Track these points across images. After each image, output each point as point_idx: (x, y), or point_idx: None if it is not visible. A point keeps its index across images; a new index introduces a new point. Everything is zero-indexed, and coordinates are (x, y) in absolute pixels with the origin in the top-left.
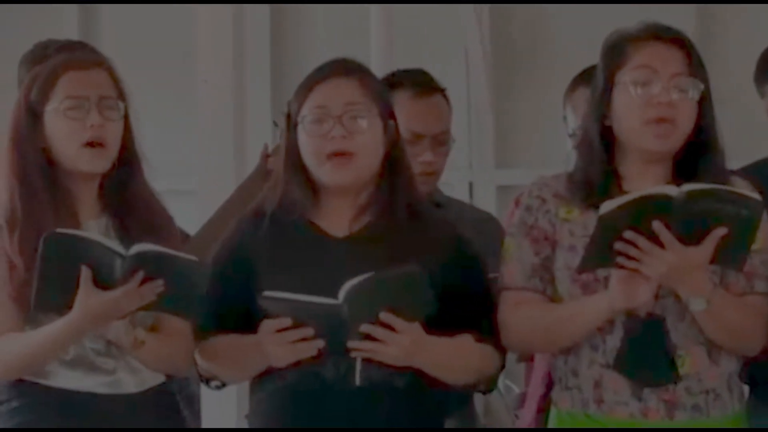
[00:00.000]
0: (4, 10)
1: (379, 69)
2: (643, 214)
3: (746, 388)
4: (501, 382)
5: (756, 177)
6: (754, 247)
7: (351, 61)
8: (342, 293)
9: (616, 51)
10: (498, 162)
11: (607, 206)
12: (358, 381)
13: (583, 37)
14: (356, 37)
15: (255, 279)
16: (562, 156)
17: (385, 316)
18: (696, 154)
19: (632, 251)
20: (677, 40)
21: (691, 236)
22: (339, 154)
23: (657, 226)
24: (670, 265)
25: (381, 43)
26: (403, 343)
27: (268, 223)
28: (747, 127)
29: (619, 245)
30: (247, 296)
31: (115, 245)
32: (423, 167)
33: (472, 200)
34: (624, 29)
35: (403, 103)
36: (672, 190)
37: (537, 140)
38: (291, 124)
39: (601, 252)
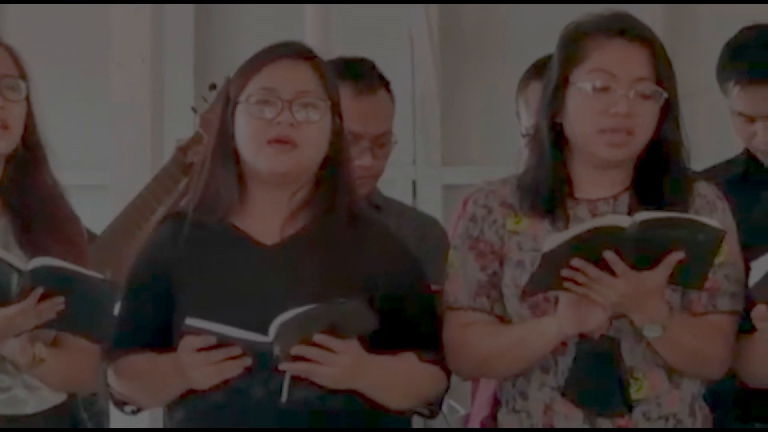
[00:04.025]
0: None
1: None
2: (593, 244)
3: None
4: (444, 402)
5: (720, 179)
6: (717, 260)
7: (304, 45)
8: (273, 330)
9: (574, 47)
10: (444, 159)
11: (552, 243)
12: (284, 398)
13: (537, 25)
14: (289, 22)
15: (173, 292)
16: (513, 154)
17: (319, 337)
18: (658, 159)
19: (581, 279)
20: (642, 38)
21: (645, 261)
22: (281, 141)
23: (609, 256)
24: (622, 293)
25: (316, 31)
26: (342, 363)
27: (188, 227)
28: (716, 124)
29: (566, 272)
30: (165, 311)
31: (12, 259)
32: (360, 171)
33: (416, 199)
34: (584, 21)
35: (342, 100)
36: (624, 221)
37: (486, 136)
38: (229, 104)
39: (548, 279)
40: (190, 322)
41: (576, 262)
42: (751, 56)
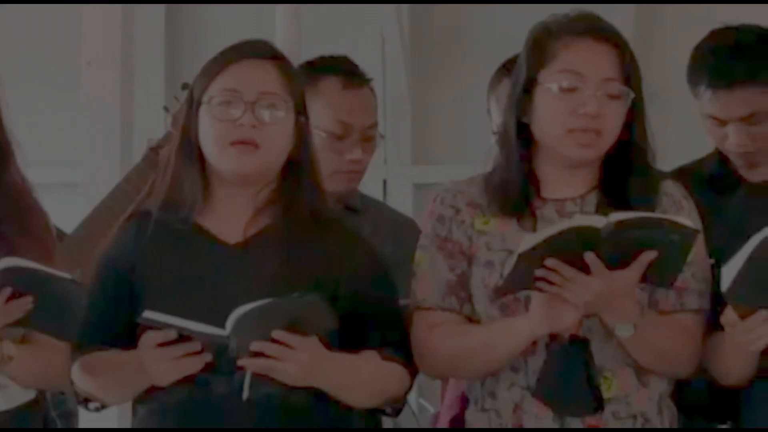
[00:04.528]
0: None
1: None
2: (567, 244)
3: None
4: (414, 401)
5: (688, 180)
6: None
7: (269, 44)
8: (230, 323)
9: (541, 47)
10: (415, 158)
11: (528, 243)
12: (246, 395)
13: (507, 26)
14: (260, 22)
15: (137, 291)
16: (483, 153)
17: (279, 333)
18: (625, 158)
19: (554, 278)
20: (610, 38)
21: (618, 262)
22: (244, 143)
23: (590, 258)
24: (595, 293)
25: (287, 32)
26: (302, 360)
27: (152, 226)
28: (685, 124)
29: (540, 272)
30: (130, 309)
31: None
32: (351, 165)
33: (386, 199)
34: (552, 21)
35: (331, 93)
36: (598, 221)
37: (457, 136)
38: (193, 104)
39: (521, 280)
40: (147, 314)
41: (550, 261)
42: (721, 59)
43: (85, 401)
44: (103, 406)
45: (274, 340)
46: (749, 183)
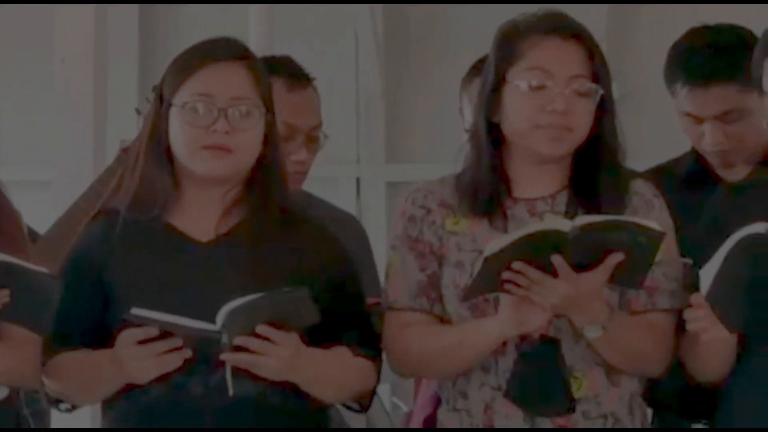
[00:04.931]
0: None
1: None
2: (534, 247)
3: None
4: (388, 399)
5: (663, 179)
6: (656, 258)
7: (239, 43)
8: (220, 318)
9: (510, 45)
10: (388, 156)
11: (494, 247)
12: (230, 391)
13: (481, 25)
14: (234, 22)
15: (106, 290)
16: (456, 152)
17: (262, 328)
18: (595, 156)
19: (521, 281)
20: (576, 34)
21: (585, 263)
22: (217, 148)
23: (557, 261)
24: (562, 295)
25: (261, 31)
26: (283, 355)
27: (121, 225)
28: (659, 123)
29: (507, 275)
30: (99, 308)
31: None
32: (296, 167)
33: (359, 197)
34: (520, 20)
35: (276, 94)
36: (565, 225)
37: (430, 134)
38: (163, 104)
39: (489, 282)
40: (136, 311)
41: (517, 264)
42: (699, 57)
43: (56, 402)
44: (74, 407)
45: (257, 335)
46: (727, 183)
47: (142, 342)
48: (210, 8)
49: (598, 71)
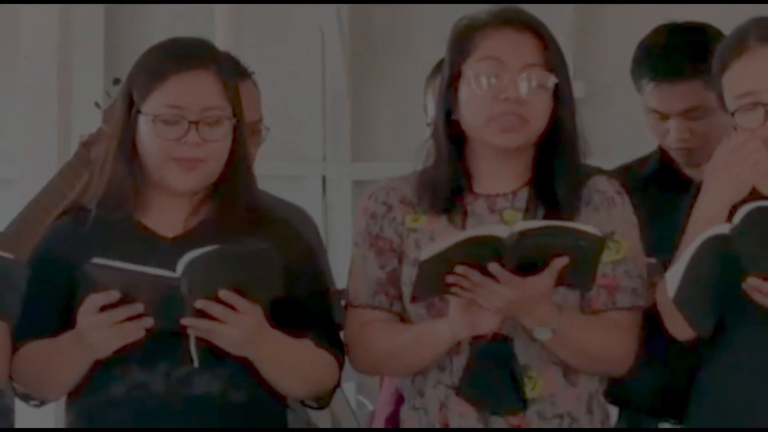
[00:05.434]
0: None
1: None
2: (471, 252)
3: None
4: (354, 398)
5: (629, 178)
6: (617, 257)
7: (207, 45)
8: (181, 266)
9: (464, 40)
10: (354, 155)
11: (428, 252)
12: (195, 363)
13: (446, 24)
14: (200, 20)
15: (73, 285)
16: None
17: (225, 294)
18: (554, 152)
19: (465, 284)
20: (530, 26)
21: (531, 266)
22: (187, 160)
23: (493, 268)
24: (506, 300)
25: (227, 30)
26: (245, 324)
27: (91, 221)
28: (627, 124)
29: (451, 278)
30: (66, 303)
31: None
32: None
33: (325, 196)
34: (473, 15)
35: None
36: (502, 231)
37: (396, 133)
38: (132, 108)
39: (432, 286)
40: (97, 260)
41: (459, 268)
42: (665, 54)
43: (24, 396)
44: (43, 402)
45: (219, 301)
46: (698, 183)
47: (103, 309)
48: (176, 7)
49: (553, 62)
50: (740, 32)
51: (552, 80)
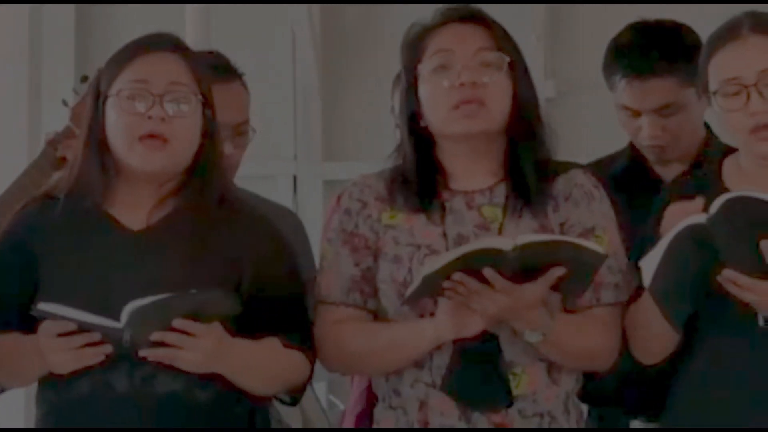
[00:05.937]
0: None
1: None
2: (474, 262)
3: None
4: (324, 397)
5: (605, 174)
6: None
7: (174, 36)
8: (124, 315)
9: (414, 44)
10: (325, 155)
11: (433, 266)
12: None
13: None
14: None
15: (37, 273)
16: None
17: (179, 322)
18: (522, 137)
19: (461, 291)
20: (474, 17)
21: (526, 275)
22: (153, 137)
23: (489, 274)
24: (501, 306)
25: (197, 29)
26: (203, 347)
27: (59, 210)
28: (598, 122)
29: (447, 284)
30: (30, 291)
31: None
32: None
33: (296, 194)
34: (421, 20)
35: None
36: (506, 244)
37: (367, 132)
38: (99, 98)
39: (428, 292)
40: (42, 306)
41: (457, 275)
42: (638, 50)
43: None
44: (2, 390)
45: (174, 329)
46: (670, 183)
47: (62, 335)
48: (146, 9)
49: (503, 45)
50: (734, 21)
51: (504, 58)
